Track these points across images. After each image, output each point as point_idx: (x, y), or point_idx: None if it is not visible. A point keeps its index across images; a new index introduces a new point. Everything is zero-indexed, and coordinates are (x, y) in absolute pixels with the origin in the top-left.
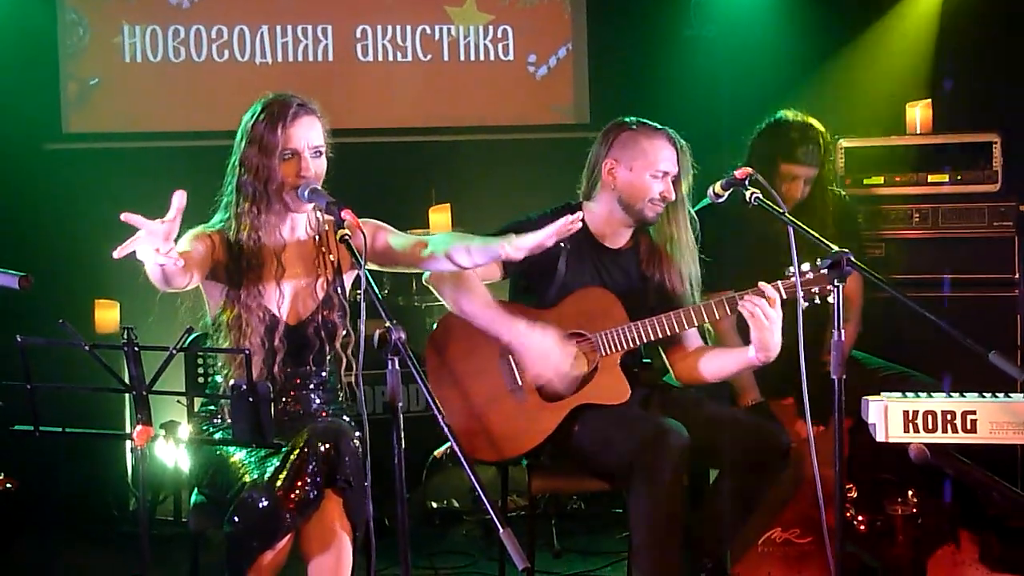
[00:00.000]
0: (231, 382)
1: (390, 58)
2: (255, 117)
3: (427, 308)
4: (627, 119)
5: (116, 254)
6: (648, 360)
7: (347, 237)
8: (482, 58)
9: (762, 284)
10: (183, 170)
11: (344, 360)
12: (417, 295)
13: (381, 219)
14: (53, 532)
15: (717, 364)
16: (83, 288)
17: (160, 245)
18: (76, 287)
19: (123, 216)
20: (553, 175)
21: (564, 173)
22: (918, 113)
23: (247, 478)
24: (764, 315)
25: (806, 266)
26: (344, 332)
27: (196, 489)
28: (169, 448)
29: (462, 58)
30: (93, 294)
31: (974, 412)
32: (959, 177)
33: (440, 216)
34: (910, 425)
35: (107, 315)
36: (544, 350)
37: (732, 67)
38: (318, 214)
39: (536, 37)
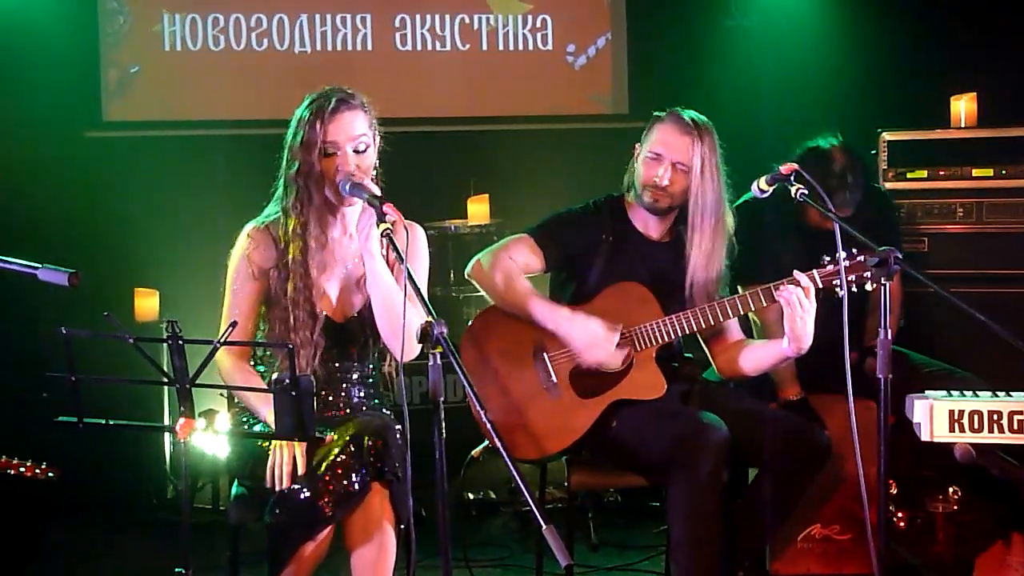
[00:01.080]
0: (274, 376)
1: (429, 47)
2: (303, 111)
3: (465, 299)
4: (666, 110)
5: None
6: (690, 355)
7: (389, 232)
8: (520, 48)
9: (797, 273)
10: (222, 159)
11: (388, 356)
12: (455, 286)
13: (420, 210)
14: (93, 520)
15: (754, 357)
16: (123, 276)
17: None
18: (115, 275)
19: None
20: (592, 166)
21: (603, 164)
22: (963, 106)
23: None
24: (799, 303)
25: (843, 253)
26: None
27: (236, 481)
28: (207, 436)
29: (500, 48)
30: (132, 282)
31: (1022, 412)
32: (1004, 172)
33: (479, 207)
34: (956, 424)
35: (147, 303)
36: (590, 334)
37: (773, 57)
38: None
39: (575, 27)
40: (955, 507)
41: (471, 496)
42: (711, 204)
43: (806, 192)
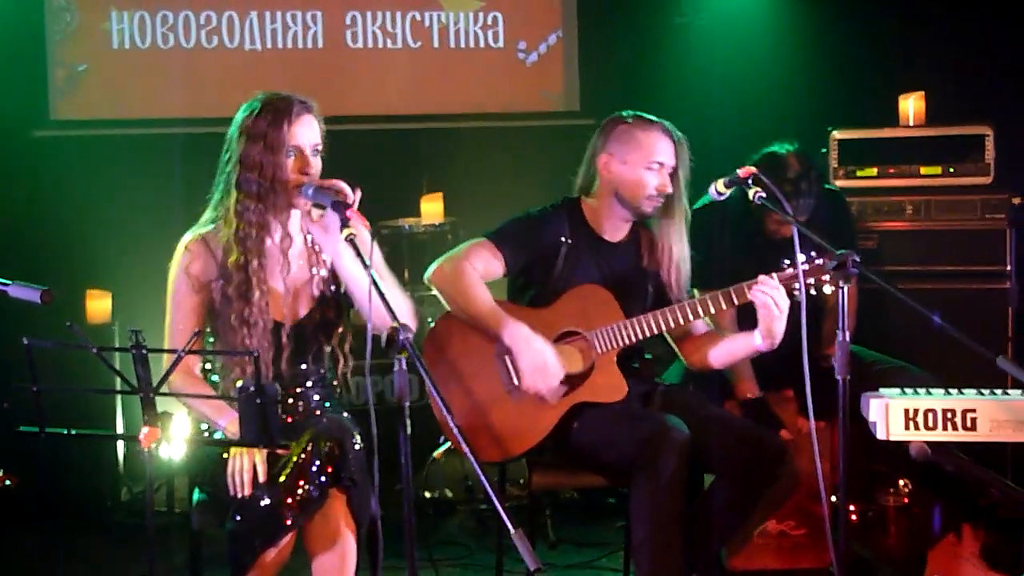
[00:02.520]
0: (238, 384)
1: (380, 45)
2: (255, 114)
3: (420, 298)
4: (624, 113)
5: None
6: (649, 355)
7: (352, 236)
8: (472, 45)
9: (762, 277)
10: (173, 158)
11: (342, 358)
12: (411, 285)
13: (371, 210)
14: (48, 524)
15: (724, 351)
16: (74, 278)
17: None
18: (66, 277)
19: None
20: (544, 162)
21: (555, 160)
22: (911, 105)
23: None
24: (776, 304)
25: (801, 257)
26: (340, 329)
27: (197, 487)
28: (162, 437)
29: (452, 45)
30: (84, 284)
31: (974, 410)
32: (952, 169)
33: (432, 205)
34: (911, 423)
35: (99, 305)
36: (540, 361)
37: (724, 55)
38: (313, 215)
39: (526, 23)
40: (906, 500)
41: (428, 495)
42: (682, 203)
43: (764, 195)
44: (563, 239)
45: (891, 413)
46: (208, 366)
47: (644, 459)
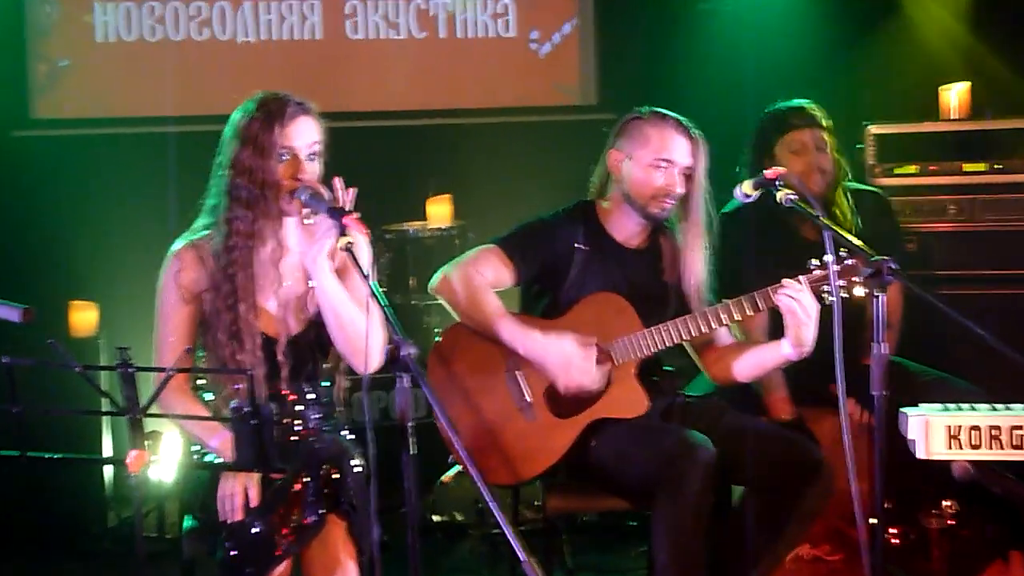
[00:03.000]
0: (231, 404)
1: (382, 35)
2: (248, 116)
3: (426, 307)
4: (641, 109)
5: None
6: (670, 368)
7: (350, 246)
8: (481, 34)
9: (786, 281)
10: (163, 158)
11: (339, 377)
12: (415, 293)
13: (374, 212)
14: (33, 553)
15: (751, 362)
16: (56, 288)
17: None
18: (48, 287)
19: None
20: (560, 161)
21: (571, 158)
22: (954, 97)
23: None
24: (803, 308)
25: (829, 257)
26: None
27: (188, 514)
28: (152, 458)
29: (459, 35)
30: (67, 295)
31: (1021, 427)
32: (997, 166)
33: (439, 208)
34: (953, 441)
35: (83, 317)
36: (565, 357)
37: (752, 45)
38: (306, 221)
39: (539, 11)
40: (950, 522)
41: (437, 519)
42: (703, 208)
43: (793, 197)
44: (577, 245)
45: (932, 430)
46: (200, 381)
47: (667, 478)
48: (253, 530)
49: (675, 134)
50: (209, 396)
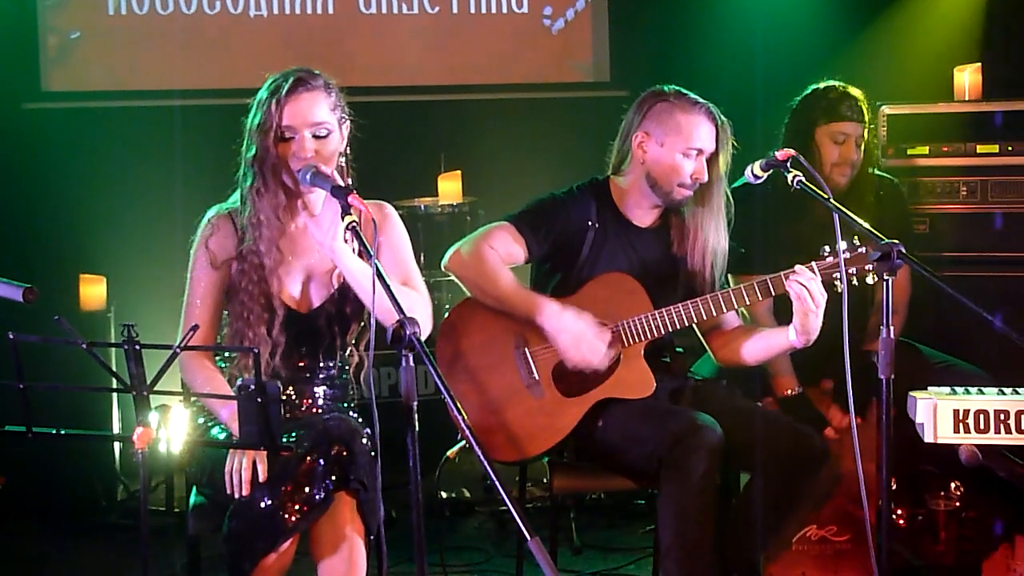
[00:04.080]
0: (238, 381)
1: (394, 10)
2: (262, 92)
3: (436, 283)
4: (665, 88)
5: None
6: (680, 348)
7: (355, 224)
8: (494, 10)
9: (799, 267)
10: (173, 132)
11: (357, 357)
12: (426, 270)
13: (385, 188)
14: (40, 524)
15: (758, 347)
16: (66, 262)
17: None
18: (58, 261)
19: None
20: (572, 138)
21: (583, 135)
22: (967, 78)
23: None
24: (812, 297)
25: (843, 245)
26: (356, 326)
27: (195, 488)
28: (161, 431)
29: (472, 10)
30: (78, 268)
31: None
32: (1010, 148)
33: (450, 184)
34: (960, 425)
35: (93, 291)
36: (577, 334)
37: (766, 23)
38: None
39: None
40: (957, 504)
41: (444, 495)
42: (721, 191)
43: (804, 179)
44: (590, 223)
45: (939, 414)
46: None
47: (673, 459)
48: (262, 504)
49: (705, 121)
50: (222, 364)
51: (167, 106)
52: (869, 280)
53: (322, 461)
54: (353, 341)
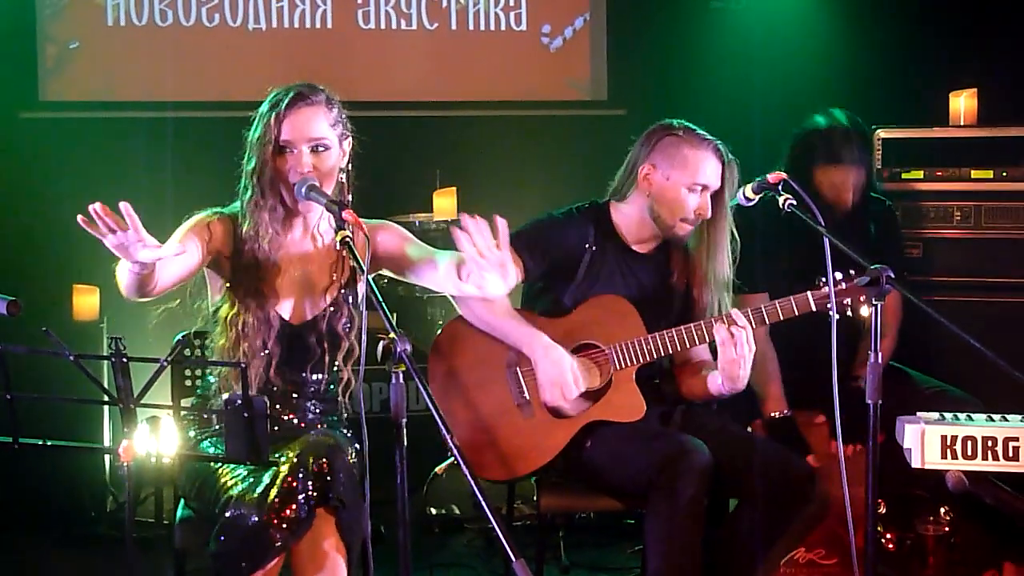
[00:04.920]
0: (224, 395)
1: (393, 26)
2: (263, 106)
3: (428, 299)
4: (674, 122)
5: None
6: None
7: (348, 239)
8: (492, 27)
9: (735, 312)
10: (170, 143)
11: (347, 375)
12: (418, 285)
13: (380, 203)
14: (28, 536)
15: (690, 385)
16: (60, 271)
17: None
18: (52, 270)
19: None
20: (569, 156)
21: (580, 154)
22: (963, 103)
23: (234, 492)
24: (740, 344)
25: (838, 275)
26: (348, 344)
27: (183, 501)
28: (151, 442)
29: (471, 27)
30: (71, 278)
31: (1017, 439)
32: (1005, 173)
33: (444, 201)
34: (948, 451)
35: (86, 301)
36: (559, 374)
37: (763, 45)
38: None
39: (550, 6)
40: (946, 529)
41: (434, 512)
42: (726, 228)
43: (795, 203)
44: (587, 245)
45: (927, 440)
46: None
47: (661, 482)
48: (250, 521)
49: (712, 158)
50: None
51: (165, 117)
52: (864, 312)
53: (300, 476)
54: (342, 357)
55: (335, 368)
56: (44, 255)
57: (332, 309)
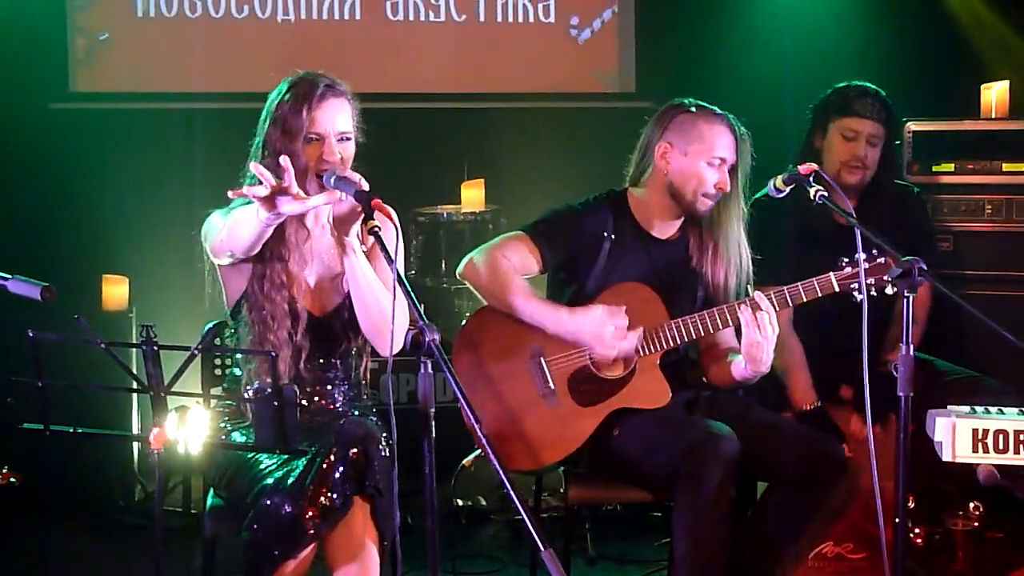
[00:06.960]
0: (254, 384)
1: (421, 17)
2: (280, 96)
3: (456, 291)
4: (685, 100)
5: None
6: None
7: (377, 229)
8: (520, 19)
9: (758, 295)
10: (199, 134)
11: (366, 359)
12: (446, 277)
13: (409, 194)
14: (58, 524)
15: (716, 372)
16: (90, 261)
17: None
18: (82, 260)
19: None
20: (596, 148)
21: (608, 146)
22: (994, 95)
23: (268, 481)
24: (760, 327)
25: (862, 255)
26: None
27: (212, 491)
28: (179, 432)
29: (499, 19)
30: (101, 268)
31: None
32: None
33: (473, 192)
34: (979, 444)
35: (115, 291)
36: (597, 327)
37: (792, 36)
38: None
39: None
40: (976, 524)
41: (460, 503)
42: (739, 204)
43: (826, 194)
44: (606, 234)
45: (958, 433)
46: (228, 360)
47: (687, 469)
48: (283, 510)
49: (727, 131)
50: (238, 372)
51: (194, 109)
52: (888, 291)
53: (340, 466)
54: (362, 343)
55: (355, 352)
56: (74, 245)
57: (349, 298)
